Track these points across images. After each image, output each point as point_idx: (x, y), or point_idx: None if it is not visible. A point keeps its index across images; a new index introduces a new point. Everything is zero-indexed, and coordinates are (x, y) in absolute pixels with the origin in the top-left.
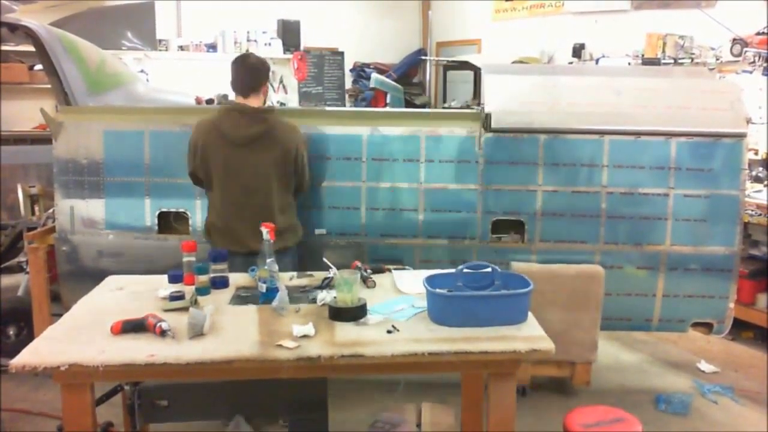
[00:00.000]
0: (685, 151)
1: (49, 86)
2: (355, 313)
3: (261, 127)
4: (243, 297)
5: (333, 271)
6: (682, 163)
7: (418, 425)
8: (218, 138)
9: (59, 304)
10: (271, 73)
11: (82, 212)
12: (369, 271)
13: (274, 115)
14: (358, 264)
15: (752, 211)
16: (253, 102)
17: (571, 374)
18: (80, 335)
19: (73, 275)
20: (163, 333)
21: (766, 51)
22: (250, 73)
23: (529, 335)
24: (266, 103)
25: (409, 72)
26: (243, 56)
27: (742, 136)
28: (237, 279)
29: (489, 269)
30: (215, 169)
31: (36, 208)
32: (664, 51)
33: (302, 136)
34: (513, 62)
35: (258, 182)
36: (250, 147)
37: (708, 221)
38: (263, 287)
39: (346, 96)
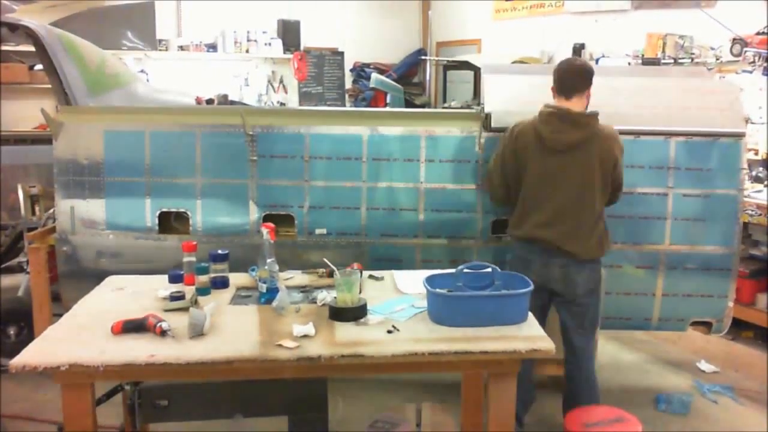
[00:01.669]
0: (684, 151)
1: (49, 86)
2: (355, 313)
3: (582, 134)
4: (243, 297)
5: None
6: (681, 163)
7: (418, 425)
8: (536, 142)
9: (59, 304)
10: (271, 73)
11: (82, 212)
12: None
13: (595, 121)
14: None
15: (752, 211)
16: (577, 105)
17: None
18: (80, 335)
19: (73, 275)
20: (163, 333)
21: (766, 51)
22: (577, 74)
23: (529, 335)
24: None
25: (409, 72)
26: (571, 59)
27: (740, 135)
28: (237, 279)
29: (489, 269)
30: (528, 175)
31: (36, 209)
32: (664, 51)
33: (621, 144)
34: (513, 62)
35: (575, 191)
36: (570, 154)
37: (707, 221)
38: (263, 287)
39: (346, 96)
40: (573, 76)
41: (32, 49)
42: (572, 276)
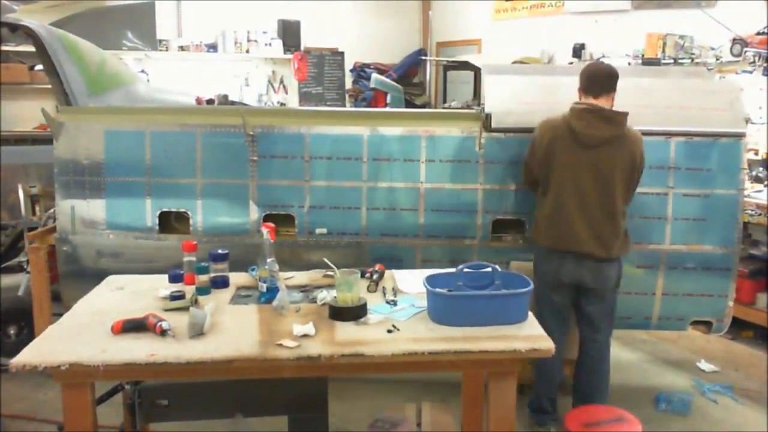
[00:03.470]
0: (684, 151)
1: (49, 86)
2: (355, 313)
3: (615, 131)
4: (243, 297)
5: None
6: (681, 163)
7: (418, 425)
8: (569, 137)
9: (60, 303)
10: (271, 73)
11: (82, 212)
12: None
13: (626, 120)
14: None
15: (752, 210)
16: (605, 105)
17: (571, 373)
18: (81, 335)
19: (73, 275)
20: (163, 332)
21: (766, 51)
22: (607, 75)
23: (529, 334)
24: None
25: (409, 72)
26: (598, 62)
27: (740, 135)
28: (237, 279)
29: (489, 269)
30: (558, 168)
31: (37, 208)
32: (664, 51)
33: (643, 148)
34: (513, 62)
35: (604, 186)
36: (601, 149)
37: (707, 221)
38: (263, 287)
39: (346, 96)
40: (603, 77)
41: (32, 49)
42: (604, 272)
